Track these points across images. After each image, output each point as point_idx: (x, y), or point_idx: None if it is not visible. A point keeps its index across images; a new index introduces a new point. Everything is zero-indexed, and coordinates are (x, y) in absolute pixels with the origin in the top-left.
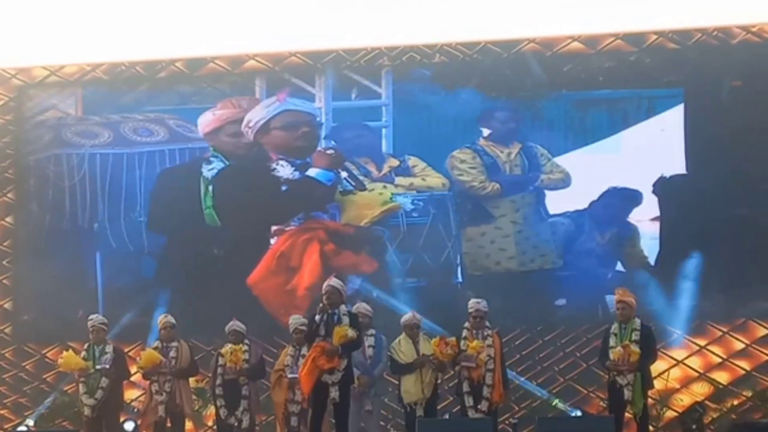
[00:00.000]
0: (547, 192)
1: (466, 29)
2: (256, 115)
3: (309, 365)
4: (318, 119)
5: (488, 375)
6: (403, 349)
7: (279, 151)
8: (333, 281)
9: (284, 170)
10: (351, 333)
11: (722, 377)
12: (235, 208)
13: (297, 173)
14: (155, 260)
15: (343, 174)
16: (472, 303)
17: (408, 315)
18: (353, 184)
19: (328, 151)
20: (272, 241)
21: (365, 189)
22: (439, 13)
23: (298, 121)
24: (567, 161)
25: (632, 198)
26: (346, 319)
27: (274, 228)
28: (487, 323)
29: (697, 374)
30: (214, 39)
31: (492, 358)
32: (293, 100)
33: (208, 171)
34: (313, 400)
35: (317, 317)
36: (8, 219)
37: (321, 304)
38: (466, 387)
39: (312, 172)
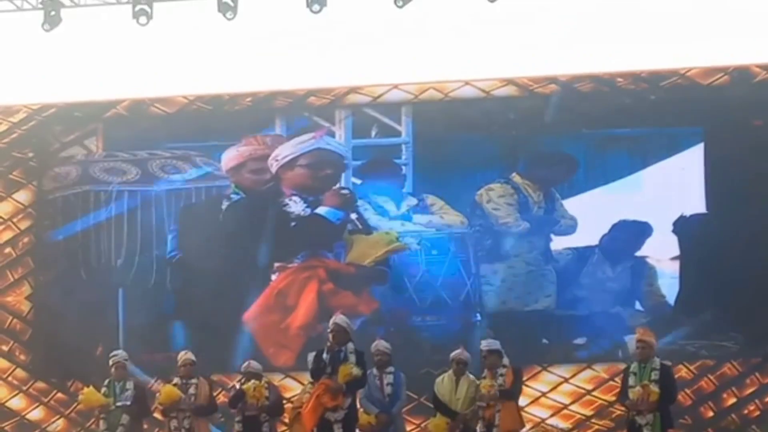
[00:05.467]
0: (552, 236)
1: (485, 67)
2: (286, 150)
3: (313, 402)
4: (347, 162)
5: (497, 415)
6: (444, 385)
7: (295, 188)
8: (338, 318)
9: (296, 206)
10: (356, 371)
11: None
12: (243, 242)
13: (308, 209)
14: (176, 296)
15: (353, 216)
16: (482, 344)
17: (457, 351)
18: (360, 227)
19: (342, 191)
20: (273, 277)
21: (370, 233)
22: (460, 52)
23: (324, 162)
24: (586, 200)
25: (641, 230)
26: (352, 357)
27: (276, 264)
28: (505, 361)
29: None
30: (235, 77)
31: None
32: (329, 139)
33: None
34: None
35: (325, 355)
36: (30, 255)
37: (328, 343)
38: (481, 427)
39: (321, 210)
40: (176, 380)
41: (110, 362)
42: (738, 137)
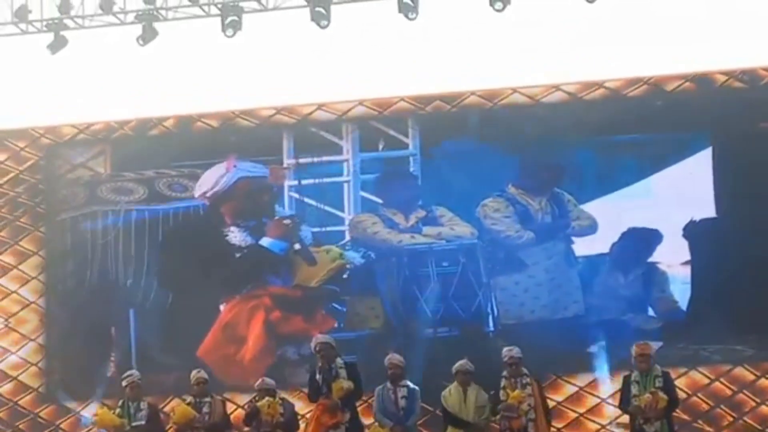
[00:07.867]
0: (574, 238)
1: (491, 78)
2: (209, 184)
3: (313, 425)
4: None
5: (530, 425)
6: (453, 396)
7: (236, 216)
8: (320, 337)
9: (236, 237)
10: (346, 385)
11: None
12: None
13: (249, 238)
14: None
15: (296, 246)
16: (505, 351)
17: (461, 362)
18: (304, 257)
19: (285, 221)
20: (221, 308)
21: (315, 264)
22: (465, 61)
23: (260, 188)
24: (596, 207)
25: (651, 237)
26: (343, 372)
27: (223, 297)
28: (525, 370)
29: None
30: (241, 94)
31: (532, 408)
32: (244, 165)
33: None
34: None
35: (317, 376)
36: (41, 277)
37: (319, 363)
38: None
39: (265, 241)
40: (190, 399)
41: (124, 383)
42: (746, 140)
